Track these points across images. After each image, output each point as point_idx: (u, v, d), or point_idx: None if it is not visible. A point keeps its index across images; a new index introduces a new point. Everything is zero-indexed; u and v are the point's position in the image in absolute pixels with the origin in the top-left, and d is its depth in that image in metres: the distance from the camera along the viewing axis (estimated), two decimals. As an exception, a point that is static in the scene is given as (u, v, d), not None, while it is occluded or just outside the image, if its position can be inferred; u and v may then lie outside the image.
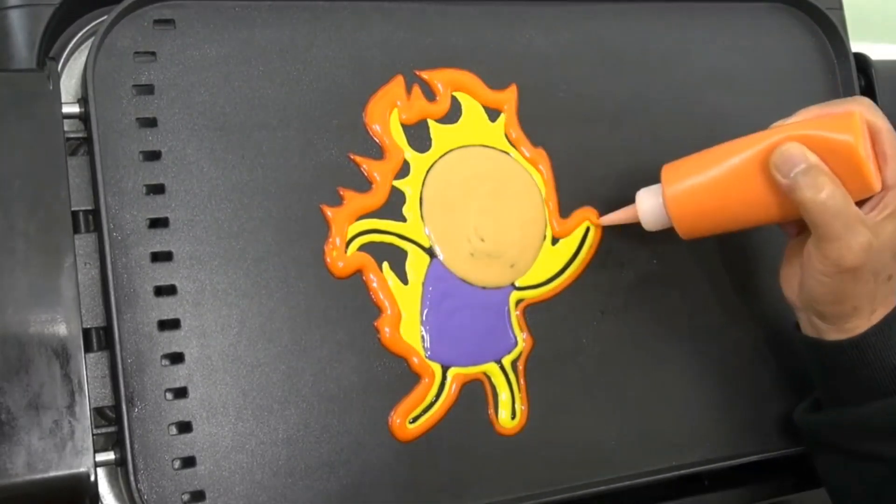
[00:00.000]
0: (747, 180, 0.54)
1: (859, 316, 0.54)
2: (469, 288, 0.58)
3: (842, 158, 0.52)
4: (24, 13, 0.54)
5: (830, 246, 0.52)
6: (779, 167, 0.52)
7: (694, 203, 0.56)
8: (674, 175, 0.57)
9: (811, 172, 0.51)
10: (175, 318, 0.52)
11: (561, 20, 0.63)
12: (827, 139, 0.52)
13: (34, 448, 0.47)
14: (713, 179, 0.55)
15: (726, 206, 0.56)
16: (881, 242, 0.52)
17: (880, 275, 0.53)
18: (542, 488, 0.57)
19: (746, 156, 0.54)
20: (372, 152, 0.57)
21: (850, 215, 0.51)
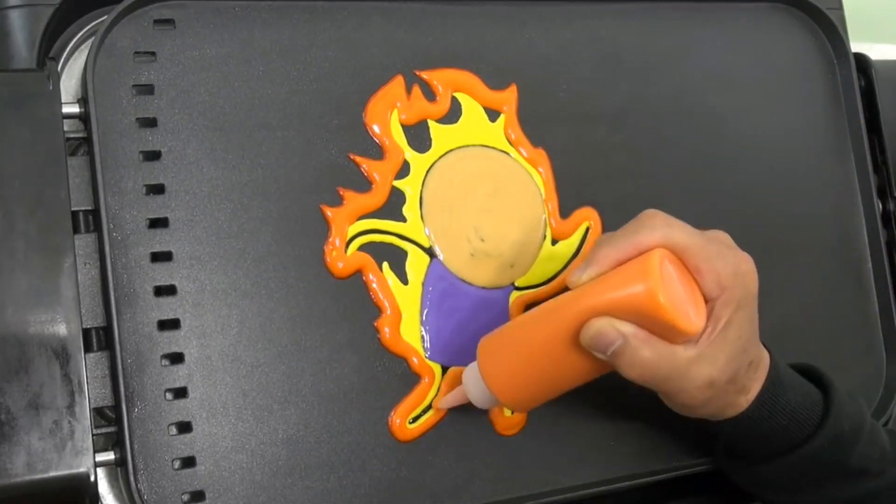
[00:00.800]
0: (564, 357, 0.50)
1: (734, 405, 0.53)
2: (469, 288, 0.58)
3: (651, 312, 0.47)
4: (24, 13, 0.54)
5: (672, 399, 0.52)
6: (594, 348, 0.49)
7: (517, 383, 0.52)
8: (488, 355, 0.53)
9: (627, 347, 0.48)
10: (175, 318, 0.52)
11: (561, 20, 0.63)
12: (627, 300, 0.48)
13: (34, 448, 0.47)
14: (527, 359, 0.52)
15: (551, 381, 0.52)
16: (726, 356, 0.49)
17: (738, 375, 0.51)
18: (542, 488, 0.57)
19: (553, 334, 0.50)
20: (372, 152, 0.57)
21: (680, 368, 0.49)
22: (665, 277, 0.47)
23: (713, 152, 0.66)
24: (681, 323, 0.47)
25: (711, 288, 0.49)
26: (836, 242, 0.69)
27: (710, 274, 0.49)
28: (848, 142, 0.70)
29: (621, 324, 0.48)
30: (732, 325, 0.50)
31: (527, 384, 0.52)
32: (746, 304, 0.50)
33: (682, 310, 0.48)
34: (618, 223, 0.62)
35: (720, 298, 0.49)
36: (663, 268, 0.48)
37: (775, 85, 0.69)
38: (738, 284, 0.50)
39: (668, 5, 0.67)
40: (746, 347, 0.51)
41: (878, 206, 0.70)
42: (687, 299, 0.49)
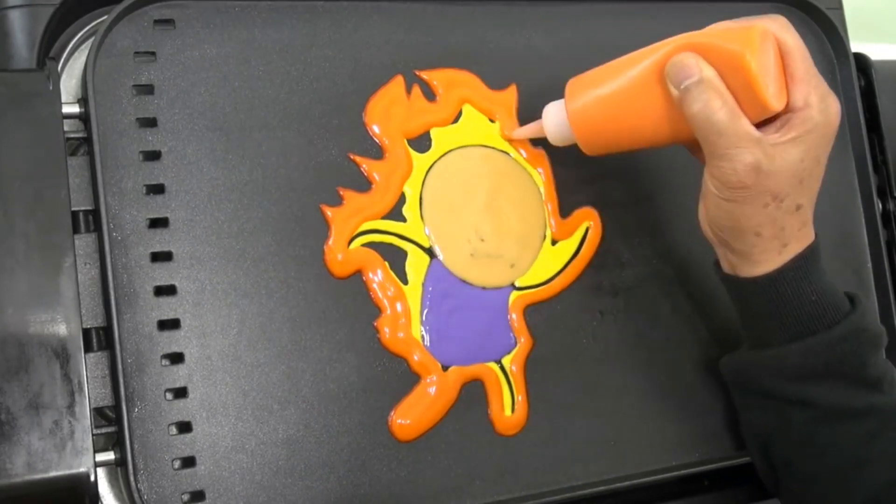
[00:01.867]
0: (645, 92, 0.52)
1: (767, 248, 0.52)
2: (469, 288, 0.58)
3: (736, 72, 0.49)
4: (24, 13, 0.54)
5: (716, 164, 0.50)
6: (671, 78, 0.50)
7: (595, 117, 0.54)
8: (577, 89, 0.55)
9: (701, 85, 0.49)
10: (175, 318, 0.52)
11: (561, 20, 0.63)
12: (722, 50, 0.49)
13: (34, 448, 0.47)
14: (612, 92, 0.53)
15: (626, 120, 0.53)
16: (779, 165, 0.49)
17: (783, 202, 0.51)
18: (542, 488, 0.57)
19: (644, 66, 0.52)
20: (372, 152, 0.57)
21: (738, 133, 0.49)
22: (762, 48, 0.49)
23: (713, 152, 0.66)
24: (760, 87, 0.48)
25: (798, 98, 0.50)
26: (836, 242, 0.69)
27: (802, 85, 0.50)
28: (848, 142, 0.70)
29: (705, 64, 0.49)
30: (801, 145, 0.50)
31: (604, 122, 0.54)
32: (822, 134, 0.51)
33: (766, 81, 0.49)
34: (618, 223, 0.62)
35: (801, 112, 0.50)
36: (764, 41, 0.49)
37: (775, 85, 0.69)
38: (822, 110, 0.50)
39: (668, 5, 0.67)
40: (804, 180, 0.51)
41: (878, 206, 0.70)
42: (773, 81, 0.50)
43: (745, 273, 0.53)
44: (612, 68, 0.54)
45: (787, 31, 0.51)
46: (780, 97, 0.50)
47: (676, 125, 0.52)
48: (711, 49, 0.50)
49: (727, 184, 0.50)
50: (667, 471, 0.60)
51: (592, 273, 0.61)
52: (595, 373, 0.60)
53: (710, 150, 0.50)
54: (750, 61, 0.48)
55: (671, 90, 0.50)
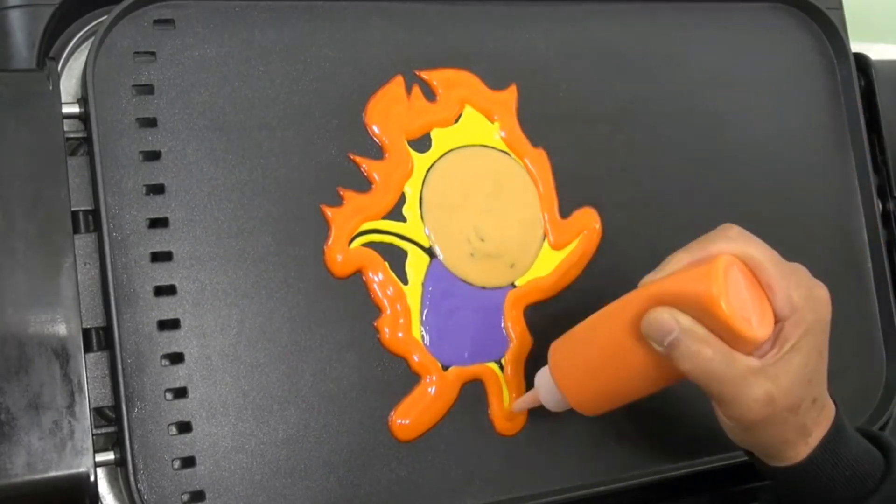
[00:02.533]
0: (627, 354, 0.50)
1: (792, 447, 0.50)
2: (469, 288, 0.58)
3: (711, 316, 0.46)
4: (24, 13, 0.54)
5: (728, 407, 0.49)
6: (652, 338, 0.48)
7: (586, 386, 0.52)
8: (559, 358, 0.53)
9: (684, 339, 0.47)
10: (175, 318, 0.52)
11: (561, 20, 0.63)
12: (690, 297, 0.47)
13: (34, 448, 0.47)
14: (595, 361, 0.52)
15: (618, 383, 0.52)
16: (787, 382, 0.48)
17: (800, 407, 0.49)
18: (542, 488, 0.57)
19: (618, 328, 0.50)
20: (372, 152, 0.57)
21: (738, 374, 0.47)
22: (730, 281, 0.47)
23: (713, 152, 0.66)
24: (739, 326, 0.46)
25: (782, 307, 0.48)
26: (836, 242, 0.69)
27: (782, 293, 0.48)
28: (848, 142, 0.70)
29: (680, 315, 0.47)
30: (800, 350, 0.48)
31: (595, 385, 0.52)
32: (817, 330, 0.49)
33: (744, 315, 0.47)
34: (618, 223, 0.62)
35: (790, 319, 0.48)
36: (729, 272, 0.47)
37: (775, 85, 0.69)
38: (811, 308, 0.49)
39: (669, 5, 0.67)
40: (812, 379, 0.49)
41: (878, 206, 0.70)
42: (752, 309, 0.48)
43: (775, 464, 0.52)
44: (588, 333, 0.52)
45: (748, 245, 0.49)
46: (764, 322, 0.48)
47: (670, 372, 0.49)
48: (679, 296, 0.47)
49: (745, 422, 0.49)
50: (667, 471, 0.60)
51: (592, 273, 0.61)
52: (595, 373, 0.60)
53: (717, 398, 0.49)
54: (720, 303, 0.46)
55: (656, 348, 0.48)
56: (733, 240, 0.49)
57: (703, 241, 0.50)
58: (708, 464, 0.61)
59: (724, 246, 0.49)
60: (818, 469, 0.51)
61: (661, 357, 0.48)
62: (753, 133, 0.68)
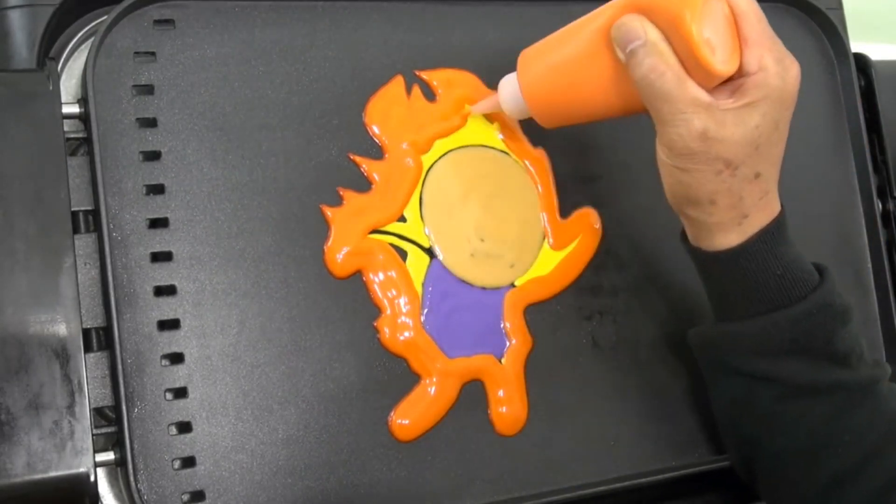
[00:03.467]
0: (594, 58, 0.50)
1: (725, 220, 0.50)
2: (469, 288, 0.58)
3: (678, 35, 0.46)
4: (24, 13, 0.54)
5: (664, 130, 0.48)
6: (617, 41, 0.48)
7: (546, 88, 0.52)
8: (528, 60, 0.53)
9: (645, 48, 0.47)
10: (175, 318, 0.52)
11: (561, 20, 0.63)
12: (664, 10, 0.47)
13: (34, 448, 0.47)
14: (561, 60, 0.51)
15: (577, 89, 0.51)
16: (730, 132, 0.47)
17: (738, 169, 0.48)
18: (542, 488, 0.57)
19: (591, 31, 0.50)
20: (372, 152, 0.57)
21: (685, 98, 0.47)
22: (708, 9, 0.47)
23: (713, 152, 0.66)
24: (701, 50, 0.46)
25: (751, 61, 0.48)
26: (836, 242, 0.69)
27: (756, 48, 0.48)
28: (848, 142, 0.71)
29: (651, 26, 0.47)
30: (755, 110, 0.48)
31: (555, 91, 0.52)
32: (779, 99, 0.49)
33: (710, 43, 0.47)
34: (618, 223, 0.62)
35: (755, 76, 0.48)
36: (709, 1, 0.47)
37: (775, 85, 0.69)
38: (779, 74, 0.48)
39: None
40: (760, 147, 0.49)
41: (878, 206, 0.70)
42: (720, 46, 0.47)
43: (706, 246, 0.52)
44: (561, 36, 0.53)
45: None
46: (729, 61, 0.48)
47: (628, 92, 0.49)
48: (655, 9, 0.47)
49: (675, 150, 0.48)
50: (667, 471, 0.60)
51: (592, 273, 0.61)
52: (595, 373, 0.60)
53: (657, 116, 0.48)
54: (690, 23, 0.46)
55: (618, 54, 0.49)
56: None
57: None
58: (708, 464, 0.61)
59: None
60: (749, 259, 0.50)
61: (621, 71, 0.48)
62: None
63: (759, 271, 0.51)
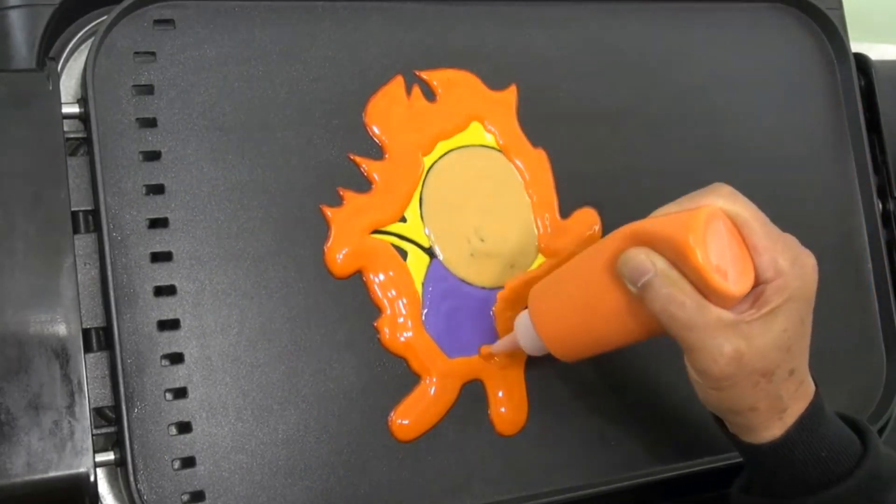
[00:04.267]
0: (605, 294, 0.49)
1: (766, 419, 0.49)
2: (469, 288, 0.58)
3: (688, 264, 0.45)
4: (24, 13, 0.54)
5: (694, 357, 0.47)
6: (626, 278, 0.47)
7: (562, 330, 0.52)
8: (538, 301, 0.53)
9: (657, 280, 0.46)
10: (175, 318, 0.52)
11: (561, 20, 0.63)
12: (667, 239, 0.46)
13: (34, 448, 0.47)
14: (571, 300, 0.51)
15: (594, 326, 0.51)
16: (761, 344, 0.47)
17: (774, 375, 0.48)
18: (541, 488, 0.57)
19: (595, 268, 0.49)
20: (372, 152, 0.57)
21: (709, 323, 0.46)
22: (710, 231, 0.46)
23: (713, 152, 0.66)
24: (710, 275, 0.45)
25: (766, 269, 0.47)
26: (836, 242, 0.69)
27: (768, 255, 0.47)
28: (848, 142, 0.71)
29: (657, 257, 0.47)
30: (780, 314, 0.47)
31: (570, 328, 0.52)
32: (801, 298, 0.48)
33: (719, 267, 0.46)
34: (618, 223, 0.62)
35: (773, 283, 0.47)
36: (711, 223, 0.46)
37: (775, 85, 0.69)
38: (796, 275, 0.48)
39: (669, 5, 0.67)
40: (791, 348, 0.48)
41: (878, 206, 0.70)
42: (731, 264, 0.47)
43: (749, 439, 0.51)
44: (566, 274, 0.52)
45: (736, 203, 0.48)
46: (741, 279, 0.47)
47: (646, 321, 0.48)
48: (658, 239, 0.47)
49: (711, 375, 0.47)
50: (667, 471, 0.60)
51: (592, 273, 0.61)
52: (595, 373, 0.60)
53: (683, 344, 0.47)
54: (696, 252, 0.45)
55: (630, 289, 0.48)
56: (723, 197, 0.48)
57: (694, 195, 0.49)
58: (708, 464, 0.61)
59: (714, 201, 0.48)
60: (793, 448, 0.50)
61: (635, 302, 0.48)
62: (753, 133, 0.68)
63: (804, 456, 0.50)
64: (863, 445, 0.51)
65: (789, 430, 0.49)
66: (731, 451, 0.60)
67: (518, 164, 0.60)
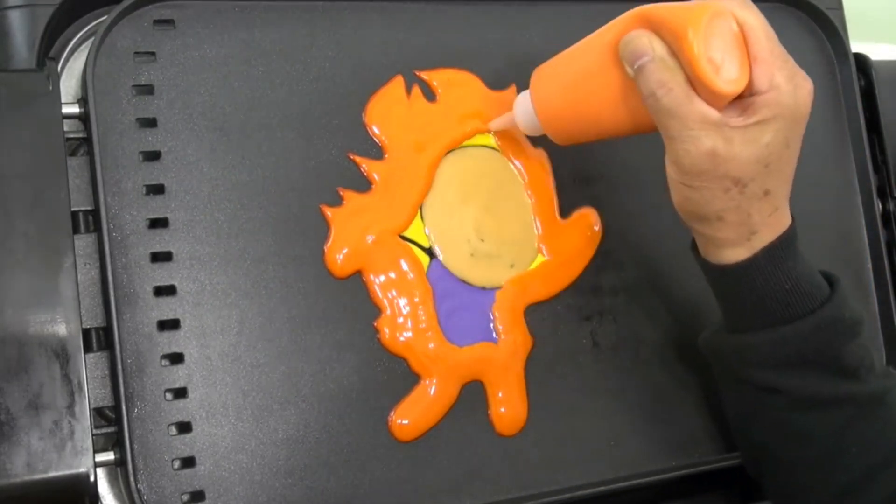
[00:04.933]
0: (603, 75, 0.49)
1: (733, 235, 0.49)
2: (469, 288, 0.58)
3: (682, 52, 0.46)
4: (24, 13, 0.54)
5: (671, 147, 0.48)
6: (625, 57, 0.48)
7: (558, 106, 0.52)
8: (540, 77, 0.53)
9: (653, 64, 0.46)
10: (175, 318, 0.52)
11: (561, 20, 0.63)
12: (670, 26, 0.46)
13: (34, 448, 0.47)
14: (572, 78, 0.51)
15: (588, 107, 0.51)
16: (739, 150, 0.47)
17: (747, 187, 0.48)
18: (541, 489, 0.57)
19: (600, 47, 0.50)
20: (372, 152, 0.57)
21: (692, 115, 0.46)
22: (713, 27, 0.46)
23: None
24: (702, 67, 0.45)
25: (761, 80, 0.47)
26: (836, 242, 0.69)
27: (765, 66, 0.47)
28: (848, 142, 0.71)
29: (658, 42, 0.47)
30: (767, 128, 0.47)
31: (566, 108, 0.52)
32: (791, 117, 0.48)
33: (712, 62, 0.46)
34: (618, 223, 0.62)
35: (766, 94, 0.47)
36: (717, 20, 0.46)
37: (775, 85, 0.69)
38: (790, 92, 0.48)
39: (668, 5, 0.67)
40: (770, 165, 0.48)
41: (878, 206, 0.70)
42: (727, 64, 0.46)
43: (715, 259, 0.51)
44: (572, 53, 0.52)
45: (747, 10, 0.48)
46: (735, 80, 0.47)
47: (638, 109, 0.49)
48: (662, 24, 0.47)
49: (683, 168, 0.48)
50: (667, 471, 0.60)
51: (592, 273, 0.61)
52: (595, 373, 0.60)
53: (665, 132, 0.48)
54: (692, 41, 0.45)
55: (627, 70, 0.48)
56: (737, 3, 0.48)
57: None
58: (708, 464, 0.61)
59: (726, 2, 0.48)
60: (756, 274, 0.50)
61: (630, 88, 0.48)
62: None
63: (767, 286, 0.50)
64: (831, 288, 0.52)
65: (756, 255, 0.50)
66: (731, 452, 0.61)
67: (518, 165, 0.60)
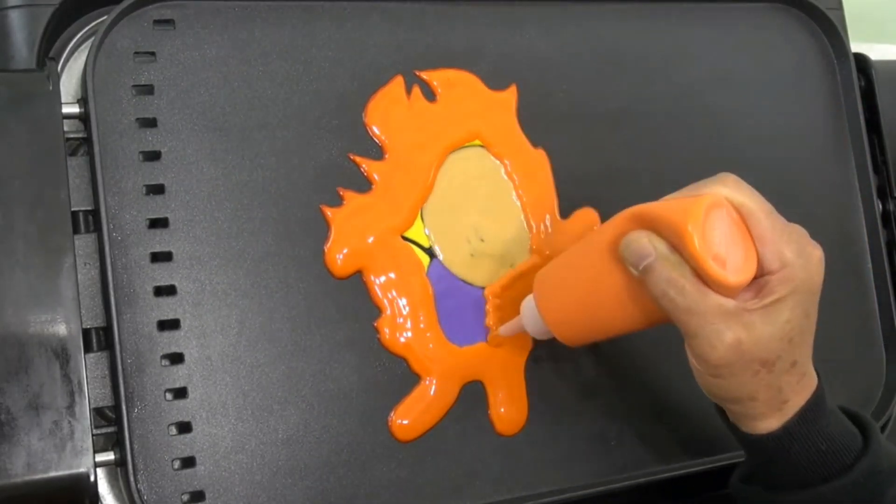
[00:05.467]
0: (607, 277, 0.49)
1: (766, 410, 0.49)
2: (469, 288, 0.58)
3: (685, 248, 0.45)
4: (24, 13, 0.54)
5: (693, 343, 0.47)
6: (628, 260, 0.47)
7: (567, 315, 0.52)
8: (543, 286, 0.53)
9: (658, 264, 0.46)
10: (175, 318, 0.52)
11: (561, 20, 0.63)
12: (668, 224, 0.46)
13: (34, 448, 0.47)
14: (574, 283, 0.51)
15: (597, 311, 0.51)
16: (762, 333, 0.46)
17: (775, 365, 0.47)
18: (542, 488, 0.57)
19: (599, 250, 0.49)
20: (372, 152, 0.57)
21: (709, 309, 0.46)
22: (711, 219, 0.46)
23: (713, 152, 0.66)
24: (707, 263, 0.45)
25: (771, 260, 0.47)
26: (836, 242, 0.69)
27: (773, 246, 0.47)
28: (848, 142, 0.71)
29: (658, 241, 0.46)
30: (784, 306, 0.47)
31: (574, 312, 0.52)
32: (806, 290, 0.48)
33: (717, 255, 0.45)
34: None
35: (778, 273, 0.47)
36: (713, 211, 0.46)
37: (775, 85, 0.69)
38: (802, 266, 0.47)
39: (668, 5, 0.67)
40: (794, 339, 0.47)
41: (878, 206, 0.70)
42: (732, 253, 0.46)
43: (748, 429, 0.50)
44: (571, 258, 0.52)
45: (741, 193, 0.47)
46: (742, 270, 0.46)
47: (648, 306, 0.48)
48: (659, 222, 0.46)
49: (710, 363, 0.47)
50: (667, 471, 0.60)
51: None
52: (595, 373, 0.60)
53: (684, 329, 0.47)
54: (693, 239, 0.45)
55: (631, 272, 0.47)
56: (729, 186, 0.48)
57: (699, 184, 0.48)
58: (708, 464, 0.61)
59: (719, 189, 0.47)
60: (792, 441, 0.49)
61: (637, 286, 0.47)
62: (753, 133, 0.68)
63: (803, 449, 0.50)
64: (864, 440, 0.51)
65: (789, 423, 0.49)
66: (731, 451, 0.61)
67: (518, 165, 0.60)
